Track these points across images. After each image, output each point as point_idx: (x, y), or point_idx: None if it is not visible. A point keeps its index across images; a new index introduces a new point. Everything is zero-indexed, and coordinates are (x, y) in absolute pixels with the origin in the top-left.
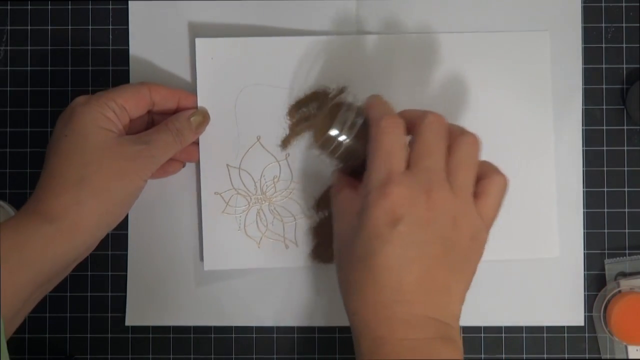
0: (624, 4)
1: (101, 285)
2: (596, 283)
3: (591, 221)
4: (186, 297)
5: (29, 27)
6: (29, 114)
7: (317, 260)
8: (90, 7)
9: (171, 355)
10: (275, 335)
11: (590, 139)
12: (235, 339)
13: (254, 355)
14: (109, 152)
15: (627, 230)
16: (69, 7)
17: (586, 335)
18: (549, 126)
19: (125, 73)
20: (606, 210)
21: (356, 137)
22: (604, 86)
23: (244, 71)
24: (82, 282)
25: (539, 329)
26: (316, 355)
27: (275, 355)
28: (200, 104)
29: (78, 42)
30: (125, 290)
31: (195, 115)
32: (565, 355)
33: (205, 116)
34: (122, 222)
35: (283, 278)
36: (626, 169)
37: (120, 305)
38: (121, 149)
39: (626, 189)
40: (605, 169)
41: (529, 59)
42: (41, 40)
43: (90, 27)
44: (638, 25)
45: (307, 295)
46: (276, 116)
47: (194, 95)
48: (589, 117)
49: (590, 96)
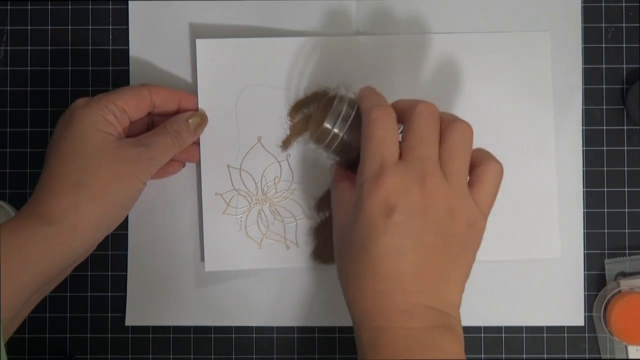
0: (624, 4)
1: (101, 285)
2: (596, 283)
3: (591, 221)
4: (186, 297)
5: (29, 27)
6: (29, 114)
7: (317, 261)
8: (90, 7)
9: (171, 355)
10: (275, 335)
11: (590, 139)
12: (235, 339)
13: (254, 355)
14: (108, 155)
15: (627, 230)
16: (69, 7)
17: (586, 335)
18: (550, 126)
19: (125, 73)
20: (606, 210)
21: (351, 130)
22: (604, 86)
23: (245, 72)
24: (82, 282)
25: (539, 329)
26: (316, 355)
27: (275, 355)
28: (200, 104)
29: (78, 42)
30: (125, 290)
31: (194, 117)
32: (565, 355)
33: (203, 118)
34: (122, 222)
35: (284, 278)
36: (626, 169)
37: (120, 305)
38: (120, 152)
39: (626, 189)
40: (605, 169)
41: (529, 59)
42: (41, 40)
43: (90, 27)
44: (638, 25)
45: (307, 296)
46: (277, 117)
47: (194, 96)
48: (589, 117)
49: (590, 96)
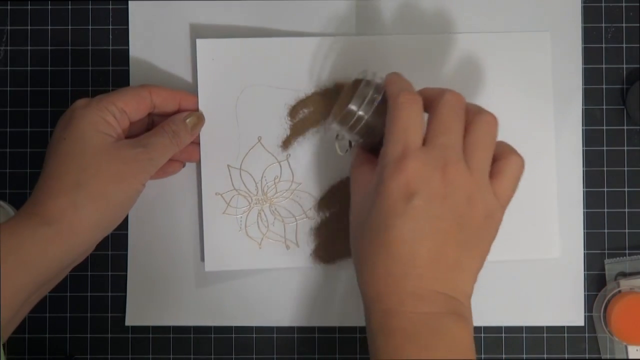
0: (624, 4)
1: (101, 285)
2: (596, 283)
3: (591, 221)
4: (186, 297)
5: (29, 27)
6: (29, 114)
7: (318, 261)
8: (90, 7)
9: (171, 355)
10: (275, 335)
11: (590, 139)
12: (235, 339)
13: (254, 355)
14: (107, 156)
15: (627, 230)
16: (69, 7)
17: (586, 335)
18: (550, 126)
19: (125, 73)
20: (606, 210)
21: (375, 113)
22: (604, 86)
23: (245, 72)
24: (82, 282)
25: (539, 329)
26: (316, 355)
27: (275, 355)
28: (201, 104)
29: (78, 42)
30: (125, 290)
31: (191, 117)
32: (565, 355)
33: (200, 117)
34: (122, 222)
35: (284, 278)
36: (626, 169)
37: (120, 305)
38: (119, 153)
39: (626, 189)
40: (605, 169)
41: (529, 60)
42: (41, 40)
43: (90, 27)
44: (638, 25)
45: (308, 296)
46: (277, 117)
47: (194, 96)
48: (589, 117)
49: (590, 96)
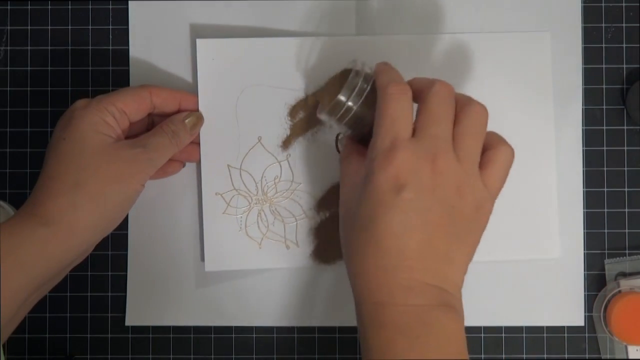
0: (624, 4)
1: (101, 285)
2: (596, 283)
3: (591, 221)
4: (186, 297)
5: (29, 27)
6: (29, 114)
7: (318, 261)
8: (90, 7)
9: (171, 355)
10: (275, 335)
11: (590, 139)
12: (235, 339)
13: (254, 355)
14: (106, 156)
15: (627, 230)
16: (69, 7)
17: (586, 335)
18: (550, 126)
19: (125, 73)
20: (606, 210)
21: (364, 104)
22: (604, 86)
23: (245, 72)
24: (82, 282)
25: (539, 329)
26: (316, 356)
27: (275, 355)
28: (201, 104)
29: (78, 42)
30: (125, 290)
31: (190, 117)
32: (565, 355)
33: (200, 117)
34: (122, 222)
35: (284, 278)
36: (626, 169)
37: (120, 305)
38: (118, 153)
39: (626, 189)
40: (605, 169)
41: (529, 60)
42: (41, 40)
43: (90, 27)
44: (638, 25)
45: (307, 296)
46: (277, 117)
47: (194, 96)
48: (589, 117)
49: (590, 96)
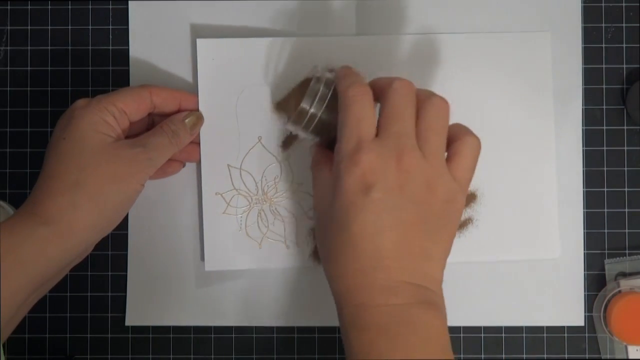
0: (624, 4)
1: (101, 285)
2: (596, 283)
3: (591, 221)
4: (186, 297)
5: (29, 27)
6: (29, 114)
7: (317, 261)
8: (90, 7)
9: (171, 355)
10: (275, 335)
11: (590, 139)
12: (235, 339)
13: (254, 355)
14: (106, 156)
15: (627, 230)
16: (69, 7)
17: (586, 335)
18: (550, 127)
19: (125, 73)
20: (606, 210)
21: (328, 110)
22: (604, 86)
23: (245, 72)
24: (82, 282)
25: (539, 329)
26: (316, 356)
27: (275, 355)
28: (201, 104)
29: (78, 42)
30: (125, 290)
31: (190, 117)
32: (565, 355)
33: (199, 117)
34: (122, 222)
35: (284, 278)
36: (626, 169)
37: (120, 305)
38: (118, 153)
39: (626, 189)
40: (605, 169)
41: (530, 60)
42: (41, 40)
43: (90, 27)
44: (638, 25)
45: (308, 296)
46: (277, 116)
47: (195, 96)
48: (589, 117)
49: (590, 96)
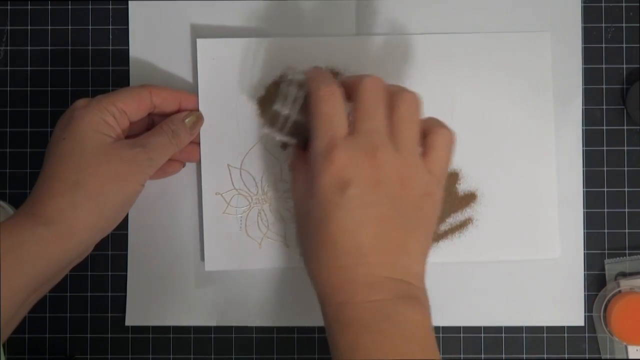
0: (624, 4)
1: (101, 285)
2: (596, 283)
3: (591, 221)
4: (186, 297)
5: (29, 27)
6: (29, 114)
7: None
8: (90, 7)
9: (171, 355)
10: (275, 335)
11: (590, 139)
12: (235, 339)
13: (254, 355)
14: (106, 156)
15: (627, 230)
16: (69, 7)
17: (586, 335)
18: (550, 127)
19: (125, 73)
20: (606, 210)
21: (301, 111)
22: (604, 86)
23: (245, 72)
24: (82, 282)
25: (539, 329)
26: (316, 356)
27: (275, 355)
28: (201, 104)
29: (78, 42)
30: (125, 290)
31: (190, 117)
32: (565, 355)
33: (199, 117)
34: (122, 222)
35: (284, 278)
36: (626, 169)
37: (120, 305)
38: (118, 153)
39: (626, 189)
40: (605, 169)
41: (529, 60)
42: (41, 40)
43: (90, 27)
44: (638, 25)
45: (308, 296)
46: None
47: (195, 96)
48: (589, 117)
49: (590, 96)
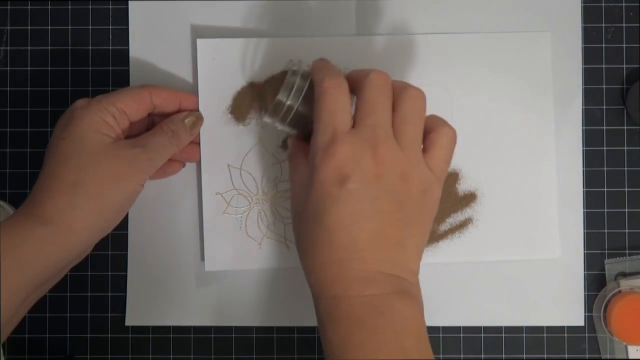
0: (624, 4)
1: (101, 285)
2: (596, 283)
3: (591, 221)
4: (186, 297)
5: (29, 27)
6: (29, 114)
7: None
8: (90, 7)
9: (171, 355)
10: (275, 335)
11: (590, 139)
12: (235, 339)
13: (254, 355)
14: (105, 156)
15: (627, 230)
16: (69, 7)
17: (586, 335)
18: (550, 127)
19: (125, 73)
20: (606, 210)
21: (305, 102)
22: (604, 86)
23: (246, 72)
24: (82, 282)
25: (539, 329)
26: (316, 355)
27: (275, 355)
28: (201, 104)
29: (78, 42)
30: (125, 290)
31: (189, 117)
32: (565, 355)
33: (199, 117)
34: (122, 222)
35: (284, 278)
36: (626, 169)
37: (120, 305)
38: (117, 153)
39: (626, 189)
40: (605, 169)
41: (529, 60)
42: (41, 40)
43: (90, 27)
44: (638, 25)
45: (308, 296)
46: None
47: (195, 96)
48: (589, 117)
49: (590, 96)
